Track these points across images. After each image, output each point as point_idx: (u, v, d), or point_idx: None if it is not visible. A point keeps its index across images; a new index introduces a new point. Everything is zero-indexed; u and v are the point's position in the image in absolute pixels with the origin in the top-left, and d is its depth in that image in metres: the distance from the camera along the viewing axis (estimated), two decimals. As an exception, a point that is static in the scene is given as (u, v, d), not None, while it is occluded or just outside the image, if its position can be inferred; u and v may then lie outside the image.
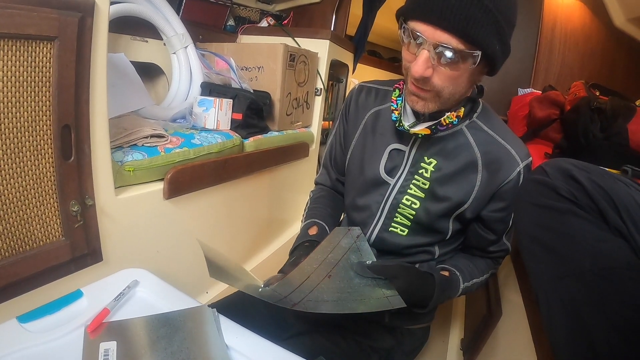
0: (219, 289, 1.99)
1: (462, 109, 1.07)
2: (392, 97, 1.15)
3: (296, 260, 1.07)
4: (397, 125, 1.10)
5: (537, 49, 3.08)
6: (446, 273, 1.16)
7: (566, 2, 3.01)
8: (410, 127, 1.08)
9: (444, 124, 1.06)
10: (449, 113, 1.05)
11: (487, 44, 0.87)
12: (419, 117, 1.10)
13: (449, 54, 0.88)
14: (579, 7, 2.99)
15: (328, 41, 2.79)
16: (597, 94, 2.23)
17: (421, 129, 1.06)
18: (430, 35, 0.87)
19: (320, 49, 2.78)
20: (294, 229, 2.79)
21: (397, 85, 1.18)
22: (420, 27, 0.88)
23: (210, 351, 0.83)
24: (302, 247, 1.17)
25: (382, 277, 0.97)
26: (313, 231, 1.25)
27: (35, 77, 1.01)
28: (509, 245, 1.23)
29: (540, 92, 2.83)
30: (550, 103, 2.42)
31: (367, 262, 0.99)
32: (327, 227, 1.28)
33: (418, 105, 1.01)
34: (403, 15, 0.95)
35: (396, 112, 1.11)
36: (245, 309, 1.19)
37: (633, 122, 1.81)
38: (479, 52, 0.87)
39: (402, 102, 1.13)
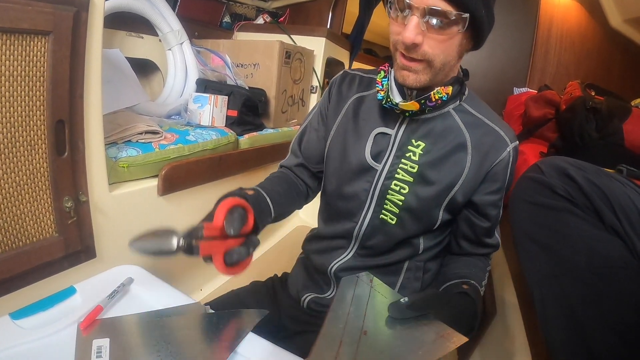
0: (214, 287, 1.98)
1: (451, 88, 1.04)
2: (377, 79, 1.11)
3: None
4: (383, 102, 1.07)
5: (533, 49, 3.09)
6: (465, 286, 1.06)
7: (562, 3, 3.02)
8: (397, 102, 1.04)
9: (433, 99, 1.02)
10: (439, 88, 1.02)
11: (475, 7, 0.87)
12: (406, 98, 1.07)
13: (438, 17, 0.87)
14: (575, 8, 3.00)
15: (324, 39, 2.79)
16: (593, 94, 2.23)
17: (409, 103, 1.02)
18: (418, 0, 0.86)
19: (317, 46, 2.79)
20: (290, 225, 2.79)
21: (382, 67, 1.14)
22: None
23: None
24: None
25: (424, 313, 0.88)
26: (249, 192, 1.06)
27: (29, 72, 1.00)
28: (499, 239, 1.19)
29: (535, 91, 2.83)
30: (545, 102, 2.43)
31: (403, 300, 0.88)
32: (267, 199, 1.11)
33: (409, 79, 0.97)
34: None
35: (382, 92, 1.07)
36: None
37: (628, 122, 1.81)
38: (467, 15, 0.87)
39: (387, 82, 1.09)
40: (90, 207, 1.23)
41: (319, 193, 1.37)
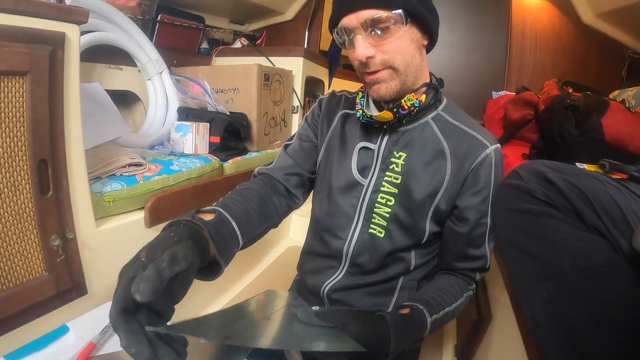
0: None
1: (424, 96, 1.08)
2: (357, 100, 1.16)
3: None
4: (361, 119, 1.12)
5: (509, 51, 3.12)
6: (406, 310, 1.02)
7: (534, 3, 3.06)
8: (371, 114, 1.09)
9: (406, 107, 1.05)
10: (409, 95, 1.06)
11: (404, 1, 0.94)
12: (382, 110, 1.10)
13: (377, 26, 0.94)
14: (546, 7, 3.03)
15: (302, 58, 2.81)
16: (570, 91, 2.24)
17: (383, 112, 1.06)
18: (354, 20, 0.95)
19: (295, 66, 2.80)
20: (280, 247, 2.77)
21: (360, 89, 1.22)
22: (345, 21, 0.97)
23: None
24: (176, 225, 0.83)
25: (332, 325, 0.86)
26: (207, 217, 0.91)
27: (8, 113, 1.01)
28: (487, 254, 1.14)
29: (514, 93, 2.86)
30: (524, 104, 2.44)
31: (314, 307, 0.88)
32: (232, 222, 0.98)
33: (381, 90, 1.03)
34: (332, 25, 1.04)
35: (360, 111, 1.12)
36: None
37: (607, 116, 1.83)
38: (399, 10, 0.93)
39: (365, 101, 1.15)
40: (78, 243, 1.23)
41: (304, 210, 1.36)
